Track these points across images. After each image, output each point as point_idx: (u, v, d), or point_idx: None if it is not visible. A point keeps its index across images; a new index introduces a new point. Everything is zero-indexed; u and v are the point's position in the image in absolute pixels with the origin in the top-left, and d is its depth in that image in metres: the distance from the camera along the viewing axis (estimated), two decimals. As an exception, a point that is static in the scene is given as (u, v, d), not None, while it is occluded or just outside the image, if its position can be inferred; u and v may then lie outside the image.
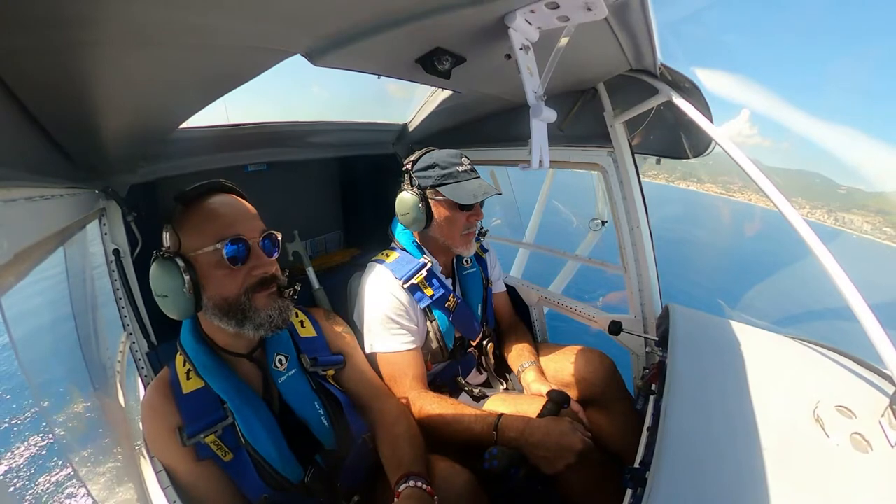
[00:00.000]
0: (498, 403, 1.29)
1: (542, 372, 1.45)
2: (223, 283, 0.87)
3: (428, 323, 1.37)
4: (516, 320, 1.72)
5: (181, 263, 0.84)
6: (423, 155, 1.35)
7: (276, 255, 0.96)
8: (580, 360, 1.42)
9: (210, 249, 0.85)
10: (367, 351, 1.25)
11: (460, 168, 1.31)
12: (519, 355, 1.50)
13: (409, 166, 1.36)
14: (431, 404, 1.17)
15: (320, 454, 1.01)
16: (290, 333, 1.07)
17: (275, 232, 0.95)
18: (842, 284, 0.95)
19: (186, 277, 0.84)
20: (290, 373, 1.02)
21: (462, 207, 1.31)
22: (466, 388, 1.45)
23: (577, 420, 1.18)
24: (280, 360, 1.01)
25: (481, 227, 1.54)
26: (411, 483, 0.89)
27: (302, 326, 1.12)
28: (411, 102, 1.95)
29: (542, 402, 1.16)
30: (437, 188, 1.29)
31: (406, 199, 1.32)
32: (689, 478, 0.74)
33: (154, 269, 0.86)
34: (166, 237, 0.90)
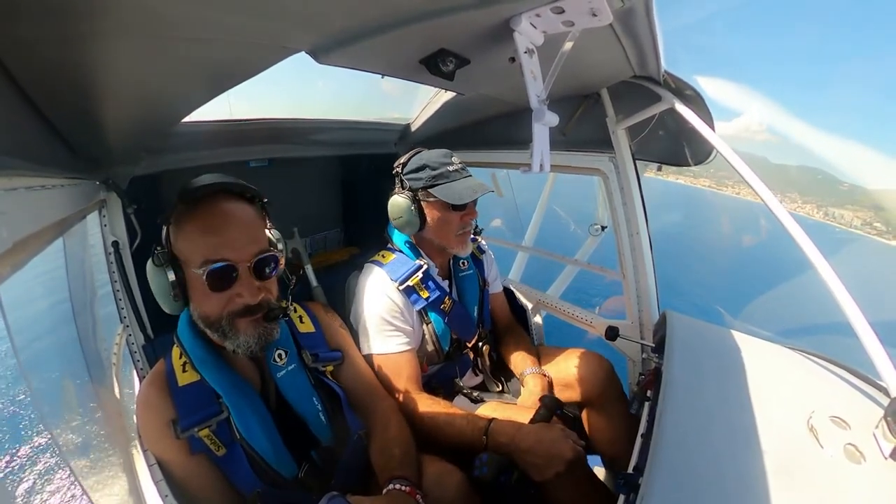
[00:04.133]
0: (490, 411, 1.29)
1: (545, 380, 1.41)
2: (205, 303, 0.86)
3: (423, 325, 1.36)
4: (514, 322, 1.72)
5: (170, 274, 0.84)
6: (412, 157, 1.34)
7: (273, 275, 0.92)
8: (580, 362, 1.42)
9: (196, 270, 0.83)
10: (363, 353, 1.25)
11: (451, 168, 1.30)
12: (522, 360, 1.49)
13: (398, 169, 1.35)
14: (424, 406, 1.16)
15: (315, 450, 1.01)
16: (289, 328, 1.06)
17: (272, 252, 0.90)
18: (839, 295, 0.95)
19: (174, 285, 0.85)
20: (290, 368, 1.01)
21: (455, 207, 1.30)
22: (465, 392, 1.45)
23: (570, 425, 1.17)
24: (279, 355, 1.00)
25: (476, 226, 1.54)
26: (395, 486, 0.89)
27: (301, 322, 1.11)
28: (413, 101, 1.96)
29: (533, 413, 1.15)
30: (429, 189, 1.29)
31: (398, 202, 1.31)
32: (681, 485, 0.74)
33: (148, 267, 0.87)
34: (163, 234, 0.89)
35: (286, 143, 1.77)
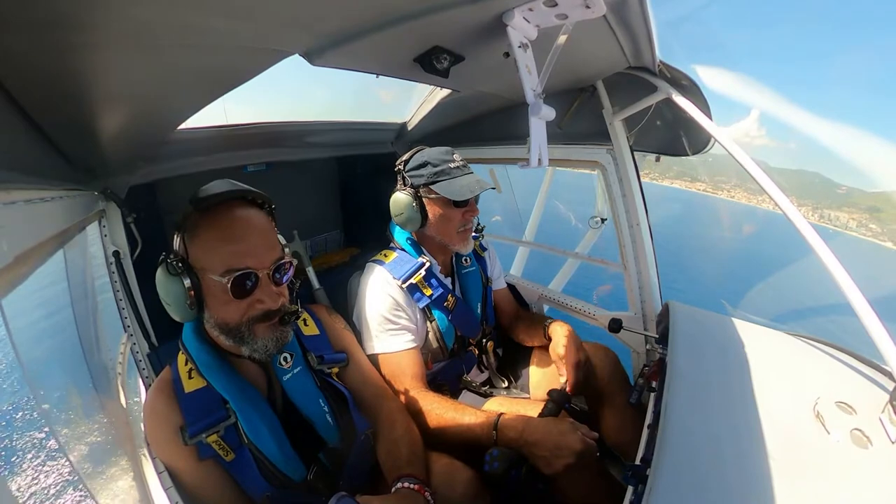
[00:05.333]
0: (496, 406, 1.29)
1: (567, 326, 1.41)
2: (225, 310, 0.86)
3: (427, 323, 1.36)
4: (521, 311, 1.72)
5: (186, 280, 0.84)
6: (414, 154, 1.35)
7: (286, 281, 0.93)
8: (586, 354, 1.42)
9: (216, 277, 0.83)
10: (367, 352, 1.25)
11: (452, 165, 1.30)
12: (539, 319, 1.50)
13: (400, 166, 1.36)
14: (431, 404, 1.16)
15: (323, 452, 1.01)
16: (293, 332, 1.07)
17: (288, 260, 0.92)
18: (842, 281, 0.95)
19: (190, 292, 0.84)
20: (296, 370, 1.02)
21: (456, 204, 1.30)
22: (473, 386, 1.45)
23: (579, 418, 1.17)
24: (285, 358, 1.01)
25: (478, 224, 1.54)
26: (404, 484, 0.89)
27: (305, 325, 1.12)
28: (408, 101, 1.95)
29: (541, 406, 1.15)
30: (430, 186, 1.29)
31: (399, 199, 1.32)
32: (689, 474, 0.74)
33: (160, 275, 0.86)
34: (177, 241, 0.88)
35: (283, 147, 1.77)
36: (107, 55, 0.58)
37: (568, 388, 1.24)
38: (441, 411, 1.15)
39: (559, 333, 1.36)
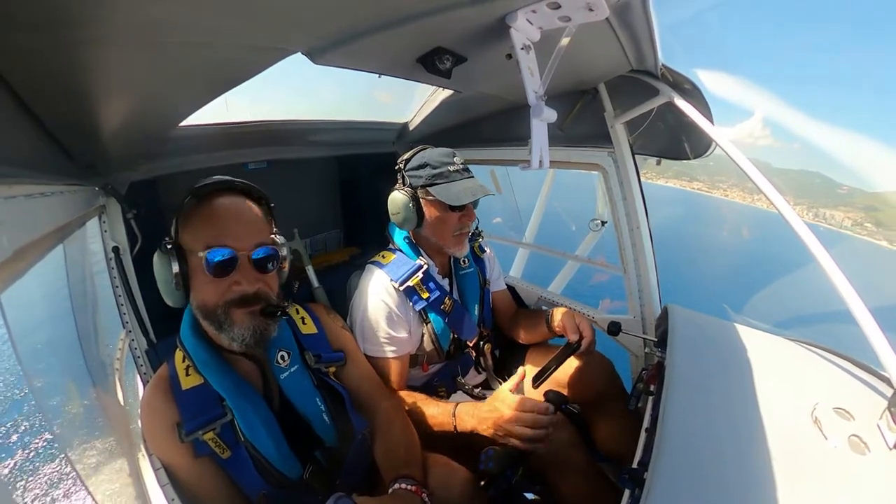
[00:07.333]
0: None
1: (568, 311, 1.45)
2: (204, 290, 0.88)
3: (423, 325, 1.36)
4: (521, 311, 1.73)
5: (174, 262, 0.86)
6: (415, 154, 1.35)
7: (272, 270, 0.93)
8: (580, 361, 1.41)
9: (197, 255, 0.86)
10: None
11: (452, 168, 1.30)
12: (538, 312, 1.53)
13: (401, 165, 1.36)
14: (405, 400, 1.21)
15: (320, 451, 1.01)
16: (291, 330, 1.07)
17: (275, 247, 0.93)
18: (840, 286, 0.95)
19: (175, 272, 0.87)
20: (293, 369, 1.02)
21: (453, 208, 1.30)
22: (466, 388, 1.45)
23: (575, 420, 1.17)
24: (282, 357, 1.01)
25: (476, 228, 1.54)
26: (401, 485, 0.90)
27: (303, 323, 1.12)
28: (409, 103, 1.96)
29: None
30: (428, 188, 1.29)
31: (397, 198, 1.32)
32: (686, 478, 0.74)
33: (156, 257, 0.89)
34: (173, 227, 0.92)
35: (284, 145, 1.77)
36: (110, 51, 0.58)
37: (584, 344, 1.31)
38: (410, 401, 1.20)
39: (559, 312, 1.42)
